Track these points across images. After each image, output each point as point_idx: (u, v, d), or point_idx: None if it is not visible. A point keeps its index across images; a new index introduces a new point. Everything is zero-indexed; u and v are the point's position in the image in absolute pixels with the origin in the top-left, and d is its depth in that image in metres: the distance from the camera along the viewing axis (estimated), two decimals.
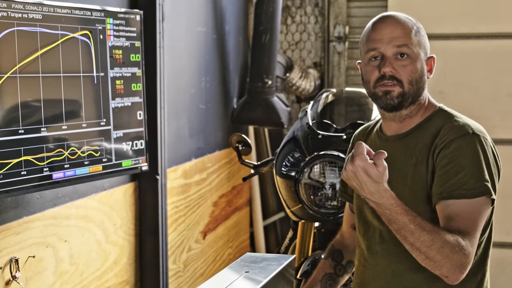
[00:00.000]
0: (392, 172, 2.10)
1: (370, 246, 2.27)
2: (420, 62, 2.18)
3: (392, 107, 2.18)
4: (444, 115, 2.21)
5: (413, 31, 2.18)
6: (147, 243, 3.61)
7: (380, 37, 2.18)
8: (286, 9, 5.21)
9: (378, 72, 2.18)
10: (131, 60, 2.89)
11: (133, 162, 2.94)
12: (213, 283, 1.86)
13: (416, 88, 2.17)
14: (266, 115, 4.68)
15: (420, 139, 2.19)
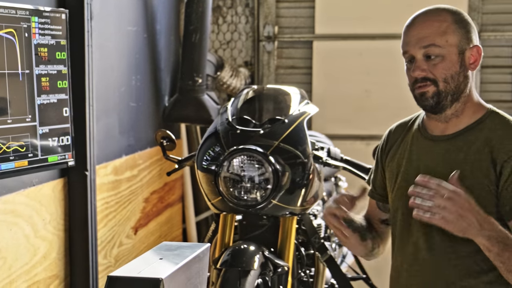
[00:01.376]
0: (438, 174, 2.06)
1: (413, 253, 2.23)
2: (454, 57, 2.14)
3: (431, 107, 2.16)
4: (497, 118, 2.17)
5: (443, 26, 2.14)
6: (76, 238, 3.67)
7: (409, 40, 2.18)
8: (218, 9, 5.33)
9: (411, 76, 2.18)
10: (57, 58, 2.96)
11: (59, 157, 3.01)
12: (125, 269, 1.95)
13: (454, 85, 2.14)
14: (197, 112, 4.77)
15: (473, 142, 2.14)
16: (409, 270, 2.24)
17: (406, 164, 2.26)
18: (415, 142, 2.26)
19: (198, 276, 2.18)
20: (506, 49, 4.99)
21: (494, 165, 2.08)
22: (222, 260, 2.78)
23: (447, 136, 2.19)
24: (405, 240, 2.25)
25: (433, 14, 2.19)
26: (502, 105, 5.03)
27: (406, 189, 2.16)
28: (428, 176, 1.93)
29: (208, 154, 2.91)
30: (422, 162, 2.22)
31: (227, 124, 2.93)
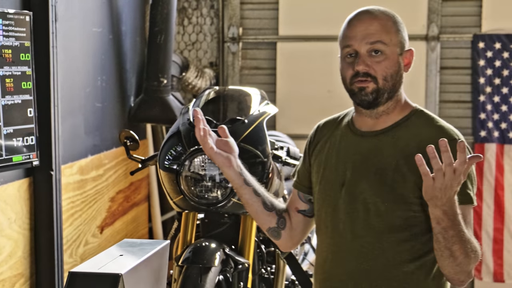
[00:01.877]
0: (369, 168, 2.18)
1: (338, 243, 2.27)
2: (395, 57, 2.21)
3: (368, 103, 2.21)
4: (422, 116, 2.26)
5: (388, 26, 2.22)
6: (42, 237, 3.71)
7: (354, 34, 2.20)
8: (183, 11, 5.39)
9: (352, 70, 2.20)
10: (21, 59, 3.01)
11: (24, 157, 3.06)
12: (86, 265, 2.02)
13: (392, 84, 2.21)
14: (162, 113, 4.84)
15: (401, 138, 2.22)
16: (333, 259, 2.29)
17: (334, 159, 2.32)
18: (344, 138, 2.32)
19: (158, 272, 2.24)
20: (465, 51, 5.12)
21: (426, 159, 2.12)
22: (184, 257, 2.84)
23: (375, 132, 2.26)
24: (330, 230, 2.29)
25: (379, 13, 2.25)
26: (461, 105, 5.17)
27: (333, 182, 2.29)
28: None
29: (170, 153, 2.98)
30: (350, 157, 2.28)
31: (189, 124, 3.00)
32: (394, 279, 2.20)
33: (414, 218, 2.18)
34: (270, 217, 2.40)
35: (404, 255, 2.19)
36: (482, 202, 5.11)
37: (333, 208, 2.28)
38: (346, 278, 2.25)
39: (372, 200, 2.20)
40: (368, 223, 2.21)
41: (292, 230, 2.45)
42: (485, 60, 5.05)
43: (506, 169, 5.09)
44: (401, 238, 2.18)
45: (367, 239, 2.21)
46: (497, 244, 5.11)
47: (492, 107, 5.07)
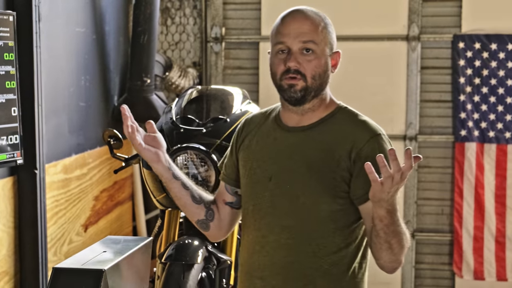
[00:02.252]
0: (295, 162, 2.27)
1: (265, 235, 2.32)
2: (325, 57, 2.27)
3: (296, 100, 2.27)
4: (347, 112, 2.34)
5: (320, 27, 2.27)
6: (26, 236, 3.74)
7: (288, 32, 2.26)
8: (166, 11, 5.43)
9: (284, 66, 2.25)
10: (5, 59, 3.04)
11: (8, 155, 3.09)
12: (70, 261, 2.06)
13: (319, 83, 2.27)
14: (146, 112, 4.86)
15: (326, 133, 2.30)
16: (261, 251, 2.34)
17: (262, 153, 2.38)
18: (271, 133, 2.37)
19: (141, 268, 2.29)
20: (445, 51, 5.18)
21: (349, 154, 2.24)
22: (167, 254, 2.89)
23: (302, 128, 2.32)
24: (258, 222, 2.34)
25: (312, 14, 2.30)
26: (442, 105, 5.23)
27: (260, 176, 2.35)
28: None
29: None
30: (277, 151, 2.35)
31: (171, 123, 3.04)
32: (320, 270, 2.28)
33: (339, 211, 2.27)
34: (198, 209, 2.45)
35: (329, 246, 2.28)
36: (462, 200, 5.18)
37: (260, 201, 2.34)
38: (274, 270, 2.31)
39: (299, 194, 2.28)
40: (295, 216, 2.28)
41: (221, 222, 2.50)
42: (465, 60, 5.11)
43: (486, 168, 5.16)
44: (326, 230, 2.27)
45: (293, 231, 2.29)
46: (478, 242, 5.17)
47: (472, 106, 5.14)
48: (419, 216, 5.28)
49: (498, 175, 5.15)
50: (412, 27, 5.14)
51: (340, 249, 2.28)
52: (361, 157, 2.23)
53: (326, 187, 2.25)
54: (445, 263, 5.30)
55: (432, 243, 5.31)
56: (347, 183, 2.24)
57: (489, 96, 5.13)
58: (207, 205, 2.45)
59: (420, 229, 5.29)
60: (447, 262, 5.29)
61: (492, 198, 5.15)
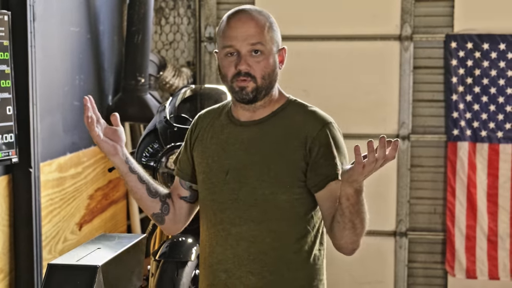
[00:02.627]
0: (251, 155, 2.32)
1: (227, 228, 2.36)
2: (273, 56, 2.31)
3: (248, 101, 2.33)
4: (297, 104, 2.39)
5: (266, 27, 2.30)
6: (21, 234, 3.76)
7: (235, 35, 2.28)
8: (160, 10, 5.45)
9: (235, 69, 2.28)
10: (0, 58, 3.07)
11: (3, 154, 3.12)
12: (65, 258, 2.09)
13: (269, 81, 2.31)
14: (140, 111, 4.90)
15: (279, 125, 2.35)
16: (223, 244, 2.37)
17: (217, 148, 2.43)
18: (225, 128, 2.42)
19: (135, 264, 2.32)
20: (437, 51, 5.22)
21: (303, 144, 2.30)
22: (161, 252, 2.91)
23: (254, 122, 2.37)
24: (218, 216, 2.38)
25: (256, 14, 2.33)
26: (434, 104, 5.27)
27: (217, 171, 2.39)
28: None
29: (147, 150, 3.05)
30: (232, 146, 2.40)
31: (165, 122, 3.07)
32: (283, 259, 2.34)
33: (297, 200, 2.33)
34: (154, 203, 2.48)
35: (290, 236, 2.34)
36: (455, 199, 5.21)
37: (218, 196, 2.38)
38: (238, 262, 2.36)
39: (256, 186, 2.33)
40: (254, 208, 2.33)
41: (176, 216, 2.52)
42: (457, 60, 5.15)
43: (478, 167, 5.19)
44: (286, 220, 2.33)
45: (255, 223, 2.33)
46: (470, 241, 5.21)
47: (464, 106, 5.17)
48: (411, 215, 5.31)
49: (490, 174, 5.19)
50: (405, 27, 5.17)
51: (301, 237, 2.34)
52: (315, 146, 2.29)
53: (283, 178, 2.31)
54: (438, 262, 5.33)
55: (425, 242, 5.35)
56: (303, 172, 2.30)
57: (481, 96, 5.16)
58: (163, 199, 2.49)
59: (413, 228, 5.32)
60: (439, 261, 5.32)
61: (484, 197, 5.19)
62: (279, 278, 2.33)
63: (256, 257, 2.34)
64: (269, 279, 2.33)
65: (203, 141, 2.47)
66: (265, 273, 2.33)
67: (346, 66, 5.22)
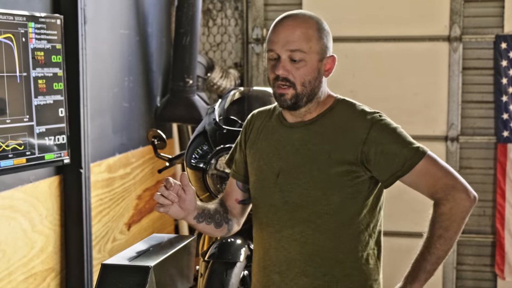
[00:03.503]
0: (302, 156, 2.31)
1: (279, 230, 2.36)
2: (315, 63, 2.28)
3: (288, 107, 2.32)
4: (346, 103, 2.37)
5: (309, 34, 2.27)
6: (71, 233, 3.82)
7: (277, 40, 2.28)
8: (208, 12, 5.49)
9: (274, 73, 2.29)
10: (53, 61, 3.12)
11: (55, 155, 3.17)
12: (117, 258, 2.11)
13: (310, 89, 2.29)
14: (188, 112, 4.93)
15: (329, 125, 2.33)
16: (276, 246, 2.37)
17: (267, 150, 2.42)
18: (275, 130, 2.42)
19: (185, 265, 2.34)
20: (487, 51, 5.16)
21: (356, 144, 2.27)
22: (210, 252, 2.93)
23: (303, 123, 2.36)
24: (270, 219, 2.38)
25: (301, 20, 2.30)
26: (484, 105, 5.21)
27: (268, 173, 2.38)
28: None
29: (196, 152, 3.07)
30: (282, 147, 2.39)
31: (215, 124, 3.09)
32: (335, 260, 2.33)
33: (349, 200, 2.31)
34: (222, 230, 2.49)
35: (343, 235, 2.32)
36: (505, 201, 5.14)
37: (271, 198, 2.38)
38: (291, 264, 2.35)
39: (307, 187, 2.32)
40: (306, 209, 2.32)
41: (238, 222, 2.55)
42: (507, 61, 5.08)
43: None
44: (338, 220, 2.31)
45: (307, 225, 2.33)
46: None
47: None
48: None
49: None
50: (454, 27, 5.12)
51: (354, 237, 2.33)
52: (370, 144, 2.27)
53: (333, 179, 2.29)
54: (487, 264, 5.27)
55: (474, 244, 5.29)
56: (355, 172, 2.29)
57: None
58: (226, 220, 2.50)
59: (462, 230, 5.26)
60: (489, 263, 5.26)
61: None
62: (332, 279, 2.33)
63: (308, 259, 2.34)
64: (323, 280, 2.33)
65: (255, 141, 2.48)
66: (318, 274, 2.34)
67: (394, 67, 5.19)
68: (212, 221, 2.44)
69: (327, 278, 2.33)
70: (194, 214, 2.38)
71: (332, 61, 2.34)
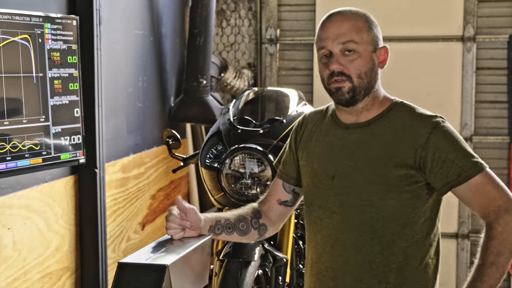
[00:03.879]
0: (358, 158, 2.26)
1: (334, 235, 2.33)
2: (368, 54, 2.26)
3: (346, 101, 2.27)
4: (403, 106, 2.32)
5: (359, 25, 2.27)
6: (86, 233, 3.84)
7: (327, 36, 2.26)
8: (221, 13, 5.50)
9: (328, 70, 2.26)
10: (68, 62, 3.14)
11: (71, 155, 3.19)
12: (134, 257, 2.13)
13: (367, 81, 2.26)
14: (202, 113, 4.95)
15: (387, 128, 2.28)
16: (330, 251, 2.34)
17: (322, 152, 2.38)
18: (329, 131, 2.38)
19: (201, 264, 2.35)
20: (500, 51, 5.15)
21: (415, 148, 2.22)
22: (225, 252, 2.95)
23: (360, 124, 2.32)
24: (325, 222, 2.35)
25: (349, 14, 2.31)
26: (497, 105, 5.20)
27: (323, 175, 2.35)
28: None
29: (211, 152, 3.09)
30: (337, 149, 2.35)
31: (229, 124, 3.11)
32: (391, 267, 2.28)
33: (406, 206, 2.26)
34: (250, 236, 2.49)
35: (400, 242, 2.27)
36: None
37: (326, 201, 2.34)
38: (346, 269, 2.32)
39: (363, 191, 2.27)
40: (362, 214, 2.28)
41: (273, 225, 2.53)
42: None
43: None
44: (395, 226, 2.26)
45: (363, 230, 2.28)
46: None
47: None
48: (474, 217, 5.25)
49: None
50: (468, 27, 5.12)
51: (411, 245, 2.27)
52: (429, 148, 2.22)
53: (391, 183, 2.24)
54: None
55: None
56: (414, 177, 2.23)
57: None
58: (256, 226, 2.49)
59: (476, 230, 5.26)
60: None
61: None
62: (388, 286, 2.29)
63: (364, 264, 2.29)
64: (378, 287, 2.29)
65: (308, 143, 2.44)
66: (374, 281, 2.29)
67: (408, 67, 5.19)
68: (233, 230, 2.44)
69: (383, 286, 2.29)
70: (206, 228, 2.40)
71: (385, 52, 2.32)
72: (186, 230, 2.37)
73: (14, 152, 2.88)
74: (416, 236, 2.28)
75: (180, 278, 2.13)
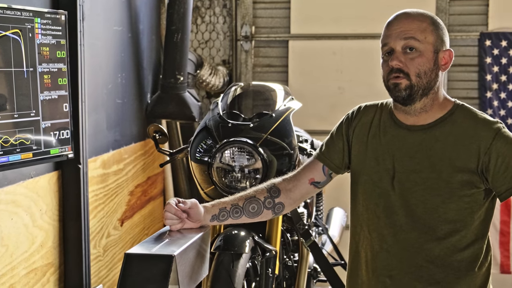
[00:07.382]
0: (420, 161, 2.28)
1: (393, 234, 2.35)
2: (430, 55, 2.27)
3: (403, 99, 2.27)
4: (465, 110, 2.33)
5: (424, 25, 2.28)
6: (70, 228, 3.83)
7: (390, 33, 2.30)
8: (196, 10, 5.53)
9: (388, 66, 2.29)
10: (57, 57, 3.15)
11: (60, 150, 3.20)
12: (139, 248, 2.16)
13: (426, 81, 2.27)
14: (179, 109, 4.97)
15: (449, 132, 2.29)
16: (388, 250, 2.36)
17: (381, 149, 2.39)
18: (389, 130, 2.38)
19: (202, 254, 2.39)
20: (471, 49, 5.27)
21: (477, 153, 2.25)
22: (216, 244, 2.97)
23: (422, 127, 2.33)
24: (383, 221, 2.36)
25: (415, 14, 2.33)
26: (469, 101, 5.28)
27: (382, 174, 2.37)
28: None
29: (201, 146, 3.12)
30: (398, 150, 2.36)
31: (219, 118, 3.14)
32: (449, 268, 2.32)
33: (466, 209, 2.30)
34: (264, 215, 2.51)
35: (458, 244, 2.32)
36: None
37: (385, 200, 2.36)
38: (403, 269, 2.35)
39: (425, 194, 2.30)
40: (424, 216, 2.31)
41: (293, 203, 2.53)
42: (491, 58, 5.19)
43: None
44: (454, 228, 2.31)
45: (422, 231, 2.32)
46: (504, 237, 5.25)
47: (498, 103, 5.21)
48: None
49: None
50: None
51: (468, 246, 2.31)
52: (492, 157, 2.24)
53: (454, 187, 2.27)
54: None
55: None
56: (475, 182, 2.26)
57: None
58: (270, 205, 2.49)
59: None
60: None
61: None
62: (446, 286, 2.32)
63: (423, 265, 2.33)
64: (436, 287, 2.32)
65: (363, 137, 2.45)
66: (432, 281, 2.33)
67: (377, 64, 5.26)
68: (241, 214, 2.47)
69: (440, 286, 2.32)
70: (208, 218, 2.44)
71: (449, 55, 2.33)
72: (186, 221, 2.38)
73: (6, 146, 2.88)
74: (472, 238, 2.32)
75: (185, 267, 2.16)
